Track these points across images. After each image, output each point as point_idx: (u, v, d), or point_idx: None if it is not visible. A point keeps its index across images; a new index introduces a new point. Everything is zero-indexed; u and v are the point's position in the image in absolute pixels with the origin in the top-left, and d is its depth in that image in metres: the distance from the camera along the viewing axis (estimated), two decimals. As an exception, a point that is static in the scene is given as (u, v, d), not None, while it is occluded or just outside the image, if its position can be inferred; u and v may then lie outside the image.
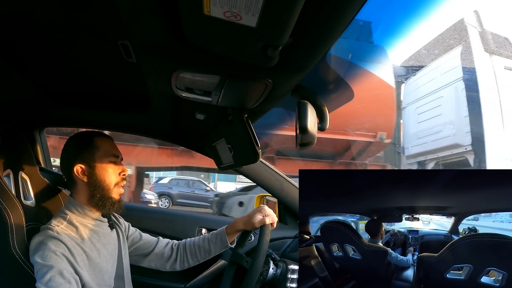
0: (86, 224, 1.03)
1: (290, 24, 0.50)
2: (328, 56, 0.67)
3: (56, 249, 0.90)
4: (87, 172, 1.03)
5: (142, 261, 1.23)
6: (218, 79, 0.75)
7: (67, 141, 1.08)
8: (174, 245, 1.25)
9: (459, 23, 6.18)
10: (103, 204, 1.03)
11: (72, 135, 1.10)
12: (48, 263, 0.88)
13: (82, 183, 1.03)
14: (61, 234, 0.94)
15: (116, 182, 1.05)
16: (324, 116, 0.83)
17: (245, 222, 1.17)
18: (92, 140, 1.05)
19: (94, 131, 1.10)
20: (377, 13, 1.36)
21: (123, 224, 1.20)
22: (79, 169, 1.02)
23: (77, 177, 1.03)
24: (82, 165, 1.02)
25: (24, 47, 0.90)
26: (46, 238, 0.92)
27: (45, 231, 0.94)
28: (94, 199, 1.03)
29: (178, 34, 0.60)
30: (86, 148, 1.04)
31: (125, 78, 1.05)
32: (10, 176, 1.11)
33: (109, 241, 1.07)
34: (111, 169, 1.05)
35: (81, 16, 0.74)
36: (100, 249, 1.02)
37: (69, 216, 1.01)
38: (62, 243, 0.92)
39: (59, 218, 1.00)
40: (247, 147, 0.98)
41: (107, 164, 1.04)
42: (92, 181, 1.03)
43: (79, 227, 1.00)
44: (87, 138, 1.06)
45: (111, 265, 1.06)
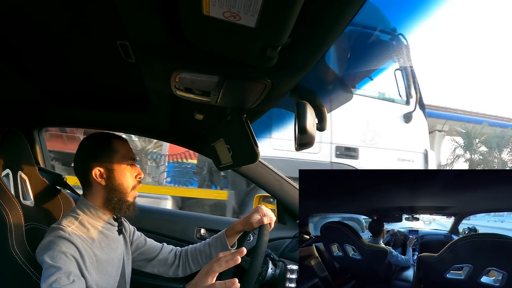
0: (97, 226, 1.02)
1: (289, 24, 0.49)
2: (327, 56, 0.67)
3: (66, 250, 0.89)
4: (105, 175, 1.01)
5: (146, 267, 1.22)
6: (217, 79, 0.75)
7: (83, 142, 1.06)
8: (178, 252, 1.25)
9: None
10: (120, 207, 1.02)
11: (87, 136, 1.08)
12: (56, 264, 0.86)
13: (99, 186, 1.02)
14: (72, 235, 0.92)
15: (133, 186, 1.05)
16: (323, 116, 0.83)
17: (243, 223, 1.17)
18: (110, 143, 1.04)
19: (110, 133, 1.09)
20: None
21: (128, 228, 1.19)
22: (97, 172, 1.01)
23: (94, 180, 1.01)
24: (100, 168, 1.01)
25: (24, 47, 0.90)
26: (57, 239, 0.90)
27: (56, 231, 0.92)
28: (111, 202, 1.02)
29: (177, 34, 0.59)
30: (105, 151, 1.02)
31: (124, 78, 1.04)
32: (9, 176, 1.11)
33: (117, 245, 1.07)
34: (128, 173, 1.04)
35: (80, 16, 0.74)
36: (109, 253, 1.02)
37: (81, 217, 1.00)
38: (73, 244, 0.91)
39: (70, 217, 0.99)
40: (246, 147, 0.98)
41: (125, 168, 1.03)
42: (110, 185, 1.02)
43: (90, 228, 0.99)
44: (104, 140, 1.05)
45: (116, 269, 1.05)
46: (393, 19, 0.68)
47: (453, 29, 35.66)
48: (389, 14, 0.63)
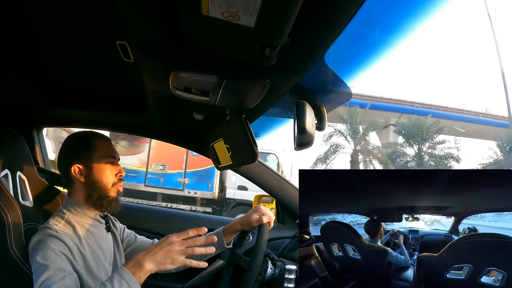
0: (83, 224, 1.02)
1: (288, 24, 0.49)
2: (326, 56, 0.67)
3: (55, 247, 0.90)
4: (84, 172, 1.02)
5: None
6: (216, 79, 0.75)
7: (65, 140, 1.08)
8: None
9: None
10: (101, 203, 1.03)
11: (70, 135, 1.09)
12: (46, 262, 0.87)
13: (79, 183, 1.03)
14: (60, 232, 0.93)
15: (113, 183, 1.05)
16: (322, 116, 0.83)
17: (242, 222, 1.17)
18: (90, 141, 1.05)
19: (92, 131, 1.10)
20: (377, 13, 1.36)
21: (118, 226, 1.20)
22: (77, 169, 1.02)
23: (74, 177, 1.03)
24: (79, 165, 1.02)
25: (22, 48, 0.90)
26: (45, 237, 0.92)
27: (44, 230, 0.94)
28: (91, 198, 1.03)
29: (176, 34, 0.59)
30: (84, 148, 1.04)
31: (123, 78, 1.04)
32: (8, 177, 1.11)
33: (104, 243, 1.07)
34: (108, 170, 1.04)
35: (79, 16, 0.74)
36: (95, 250, 1.02)
37: (67, 216, 1.01)
38: (61, 241, 0.92)
39: (57, 217, 1.00)
40: (245, 147, 0.98)
41: (105, 165, 1.04)
42: (89, 181, 1.03)
43: (77, 226, 1.00)
44: (85, 138, 1.06)
45: (106, 267, 1.05)
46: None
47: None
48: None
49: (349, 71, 0.76)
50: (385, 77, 36.44)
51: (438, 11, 0.54)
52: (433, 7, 0.54)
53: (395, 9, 0.57)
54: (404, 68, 51.80)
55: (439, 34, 42.70)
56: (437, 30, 32.37)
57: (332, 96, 0.94)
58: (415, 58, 46.60)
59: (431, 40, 38.83)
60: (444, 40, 48.49)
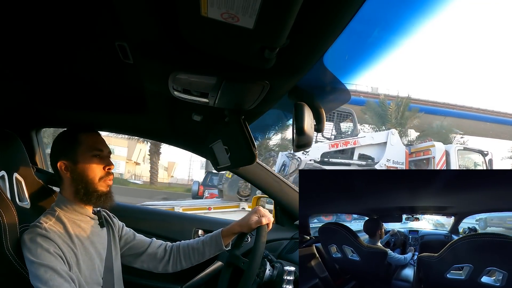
0: (74, 221, 1.03)
1: (288, 26, 0.49)
2: (325, 58, 0.67)
3: (48, 247, 0.91)
4: (70, 168, 1.03)
5: (135, 262, 1.22)
6: (215, 81, 0.74)
7: (55, 138, 1.09)
8: (168, 247, 1.25)
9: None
10: (88, 198, 1.03)
11: (59, 133, 1.10)
12: (43, 262, 0.88)
13: (67, 178, 1.04)
14: (49, 231, 0.94)
15: (100, 176, 1.05)
16: (321, 117, 0.83)
17: (241, 224, 1.17)
18: (75, 136, 1.06)
19: (79, 128, 1.10)
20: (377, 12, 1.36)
21: (116, 224, 1.20)
22: (63, 165, 1.03)
23: (62, 174, 1.04)
24: (65, 161, 1.03)
25: (21, 48, 0.90)
26: (35, 236, 0.92)
27: (33, 229, 0.95)
28: (79, 194, 1.03)
29: (175, 35, 0.59)
30: (69, 144, 1.05)
31: (122, 79, 1.04)
32: (5, 178, 1.11)
33: (98, 239, 1.07)
34: (94, 164, 1.04)
35: (78, 17, 0.74)
36: (87, 246, 1.02)
37: (57, 213, 1.01)
38: (51, 240, 0.93)
39: (48, 214, 1.01)
40: (244, 149, 0.98)
41: (90, 159, 1.04)
42: (75, 176, 1.03)
43: (67, 223, 1.00)
44: (69, 134, 1.07)
45: (98, 263, 1.05)
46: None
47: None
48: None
49: (349, 71, 0.76)
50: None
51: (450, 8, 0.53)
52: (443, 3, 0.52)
53: (398, 7, 0.56)
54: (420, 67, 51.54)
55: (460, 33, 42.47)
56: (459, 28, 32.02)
57: (331, 96, 0.94)
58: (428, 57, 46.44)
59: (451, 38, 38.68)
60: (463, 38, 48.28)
